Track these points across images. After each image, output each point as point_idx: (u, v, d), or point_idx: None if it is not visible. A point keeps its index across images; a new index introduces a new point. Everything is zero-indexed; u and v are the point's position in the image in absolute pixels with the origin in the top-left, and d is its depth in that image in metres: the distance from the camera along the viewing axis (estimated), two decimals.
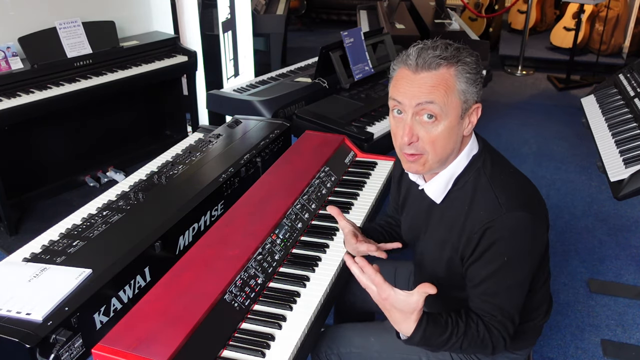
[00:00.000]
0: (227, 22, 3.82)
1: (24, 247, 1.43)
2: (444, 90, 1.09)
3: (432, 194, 1.24)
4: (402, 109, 1.13)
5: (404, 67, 1.13)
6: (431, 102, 1.09)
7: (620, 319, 2.32)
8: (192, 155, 1.89)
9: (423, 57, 1.10)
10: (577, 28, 5.09)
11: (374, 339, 1.41)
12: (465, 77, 1.10)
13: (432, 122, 1.11)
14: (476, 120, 1.16)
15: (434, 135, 1.12)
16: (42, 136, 3.06)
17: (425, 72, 1.10)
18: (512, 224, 1.12)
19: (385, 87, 2.74)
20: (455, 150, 1.17)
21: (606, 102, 2.58)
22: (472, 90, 1.12)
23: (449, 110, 1.10)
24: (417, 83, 1.10)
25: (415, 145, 1.13)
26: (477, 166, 1.19)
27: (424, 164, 1.16)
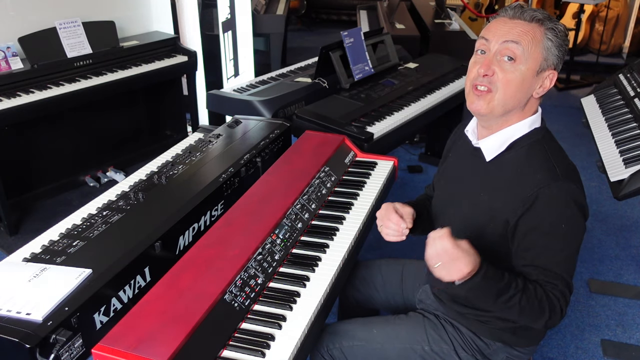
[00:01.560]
0: (227, 22, 3.82)
1: (24, 247, 1.43)
2: (531, 38, 1.16)
3: (486, 149, 1.26)
4: (487, 48, 1.20)
5: (503, 15, 1.21)
6: (517, 42, 1.16)
7: (620, 319, 2.32)
8: (192, 155, 1.89)
9: (521, 10, 1.19)
10: (577, 28, 5.09)
11: (376, 331, 1.42)
12: (553, 37, 1.17)
13: (511, 63, 1.17)
14: (549, 86, 1.21)
15: (509, 76, 1.17)
16: (42, 136, 3.06)
17: (519, 20, 1.18)
18: (570, 192, 1.15)
19: (385, 87, 2.74)
20: (520, 105, 1.21)
21: (606, 102, 2.58)
22: (554, 52, 1.18)
23: (529, 58, 1.16)
24: (510, 25, 1.18)
25: (489, 78, 1.19)
26: (537, 138, 1.23)
27: (489, 102, 1.20)
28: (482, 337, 1.36)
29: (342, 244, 1.54)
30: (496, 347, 1.35)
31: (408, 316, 1.48)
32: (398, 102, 2.59)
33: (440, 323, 1.41)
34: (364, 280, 1.66)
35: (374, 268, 1.67)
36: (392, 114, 2.45)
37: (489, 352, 1.36)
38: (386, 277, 1.64)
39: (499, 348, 1.35)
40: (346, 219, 1.66)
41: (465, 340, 1.37)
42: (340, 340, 1.43)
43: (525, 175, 1.19)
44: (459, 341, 1.37)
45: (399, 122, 2.43)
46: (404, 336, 1.40)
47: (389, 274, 1.64)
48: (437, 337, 1.39)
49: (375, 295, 1.65)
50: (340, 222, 1.64)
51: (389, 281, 1.64)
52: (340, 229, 1.61)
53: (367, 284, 1.66)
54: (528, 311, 1.15)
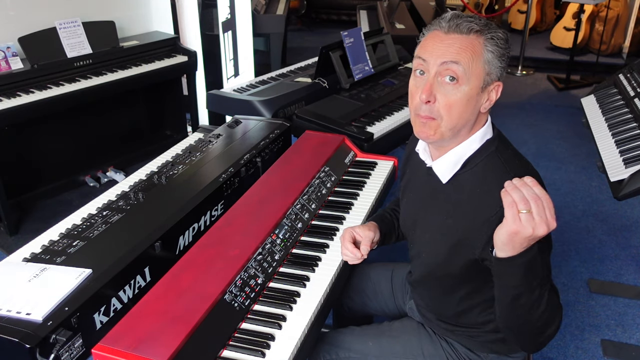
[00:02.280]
0: (227, 22, 3.82)
1: (24, 247, 1.43)
2: (470, 54, 1.09)
3: (440, 171, 1.20)
4: (426, 69, 1.13)
5: (436, 29, 1.14)
6: (456, 62, 1.09)
7: (620, 319, 2.32)
8: (192, 155, 1.89)
9: (456, 21, 1.11)
10: (577, 28, 5.09)
11: (372, 344, 1.41)
12: (494, 48, 1.10)
13: (453, 84, 1.10)
14: (495, 98, 1.15)
15: (452, 100, 1.10)
16: (42, 136, 3.06)
17: (456, 35, 1.11)
18: None
19: (385, 87, 2.74)
20: (469, 124, 1.15)
21: (606, 102, 2.58)
22: (496, 64, 1.11)
23: (472, 76, 1.10)
24: (446, 43, 1.11)
25: (431, 107, 1.12)
26: (490, 150, 1.17)
27: (436, 128, 1.14)
28: (475, 351, 1.35)
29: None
30: (490, 358, 1.34)
31: (403, 325, 1.46)
32: (398, 102, 2.59)
33: (436, 337, 1.40)
34: (356, 288, 1.65)
35: (364, 276, 1.66)
36: (392, 114, 2.45)
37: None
38: (377, 284, 1.63)
39: (493, 359, 1.35)
40: (346, 219, 1.66)
41: (459, 355, 1.36)
42: (336, 351, 1.42)
43: (485, 195, 1.12)
44: (453, 356, 1.36)
45: (399, 122, 2.43)
46: (399, 351, 1.40)
47: (379, 281, 1.64)
48: (432, 352, 1.38)
49: (369, 302, 1.65)
50: (340, 222, 1.64)
51: (380, 288, 1.63)
52: (340, 229, 1.61)
53: (359, 292, 1.65)
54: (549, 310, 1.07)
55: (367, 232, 1.38)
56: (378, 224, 1.45)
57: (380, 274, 1.65)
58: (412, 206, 1.35)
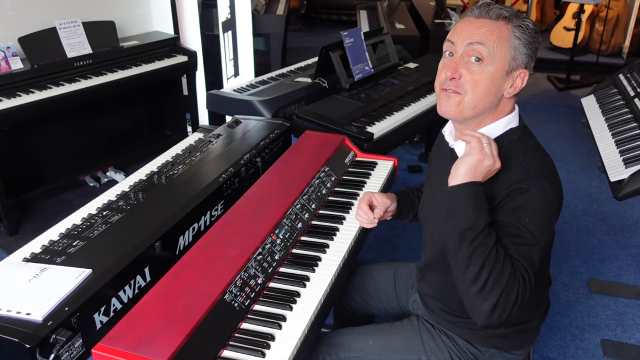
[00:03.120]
0: (227, 22, 3.82)
1: (24, 247, 1.43)
2: (497, 37, 1.14)
3: (461, 150, 1.24)
4: (454, 50, 1.18)
5: (468, 16, 1.20)
6: (482, 43, 1.14)
7: (620, 319, 2.32)
8: (192, 155, 1.89)
9: (487, 8, 1.17)
10: (577, 28, 5.10)
11: (372, 342, 1.41)
12: (522, 35, 1.14)
13: (478, 64, 1.15)
14: (520, 85, 1.19)
15: (476, 78, 1.15)
16: (42, 136, 3.06)
17: (485, 19, 1.16)
18: (539, 189, 1.13)
19: (385, 87, 2.74)
20: (491, 106, 1.19)
21: (606, 102, 2.58)
22: (523, 50, 1.15)
23: (496, 58, 1.14)
24: (475, 25, 1.16)
25: (456, 82, 1.17)
26: (512, 138, 1.21)
27: (458, 103, 1.18)
28: (476, 345, 1.35)
29: (342, 244, 1.54)
30: (490, 353, 1.35)
31: (403, 324, 1.47)
32: (398, 102, 2.59)
33: (436, 332, 1.41)
34: (358, 288, 1.66)
35: (366, 275, 1.66)
36: (392, 114, 2.45)
37: (485, 358, 1.36)
38: (379, 283, 1.64)
39: (493, 354, 1.35)
40: (346, 219, 1.66)
41: (460, 349, 1.37)
42: (336, 351, 1.42)
43: (499, 175, 1.16)
44: (454, 351, 1.37)
45: (399, 122, 2.43)
46: (400, 347, 1.40)
47: (382, 280, 1.64)
48: (433, 347, 1.38)
49: (371, 301, 1.65)
50: (340, 222, 1.64)
51: (383, 287, 1.63)
52: (340, 229, 1.61)
53: (361, 291, 1.65)
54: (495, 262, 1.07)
55: (384, 199, 1.46)
56: (398, 197, 1.51)
57: (383, 272, 1.65)
58: (433, 188, 1.39)
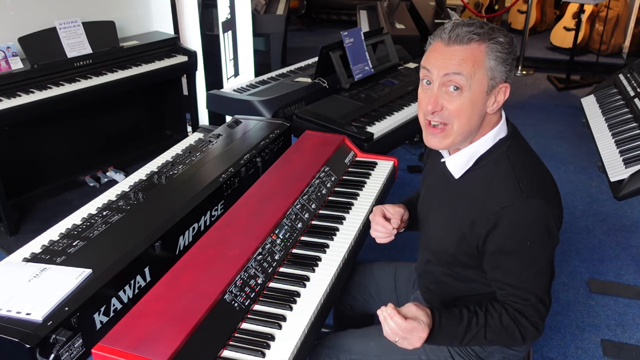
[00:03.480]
0: (227, 22, 3.82)
1: (24, 247, 1.43)
2: (472, 64, 1.13)
3: (453, 168, 1.26)
4: (430, 79, 1.18)
5: (438, 40, 1.18)
6: (458, 73, 1.13)
7: (620, 319, 2.32)
8: (192, 155, 1.89)
9: (456, 32, 1.14)
10: (577, 28, 5.09)
11: (373, 344, 1.41)
12: (496, 55, 1.14)
13: (457, 93, 1.15)
14: (503, 100, 1.19)
15: (457, 106, 1.15)
16: (42, 136, 3.06)
17: (456, 46, 1.14)
18: (532, 210, 1.14)
19: (385, 87, 2.74)
20: (477, 127, 1.19)
21: (606, 102, 2.58)
22: (500, 69, 1.15)
23: (474, 84, 1.14)
24: (448, 55, 1.15)
25: (439, 114, 1.18)
26: (502, 149, 1.22)
27: (447, 136, 1.19)
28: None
29: (342, 244, 1.54)
30: (491, 349, 1.35)
31: None
32: (398, 102, 2.59)
33: None
34: (358, 286, 1.66)
35: (367, 273, 1.66)
36: (392, 114, 2.45)
37: (485, 354, 1.35)
38: (379, 282, 1.64)
39: (494, 350, 1.35)
40: (346, 219, 1.66)
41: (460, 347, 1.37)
42: (337, 354, 1.42)
43: (490, 194, 1.18)
44: (454, 348, 1.37)
45: (399, 122, 2.43)
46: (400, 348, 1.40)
47: (382, 279, 1.64)
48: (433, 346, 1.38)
49: (371, 301, 1.65)
50: (340, 222, 1.64)
51: (383, 286, 1.63)
52: (340, 229, 1.61)
53: (361, 289, 1.65)
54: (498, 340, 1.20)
55: (397, 208, 1.43)
56: (407, 205, 1.50)
57: (384, 271, 1.65)
58: (429, 193, 1.40)
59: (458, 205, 1.25)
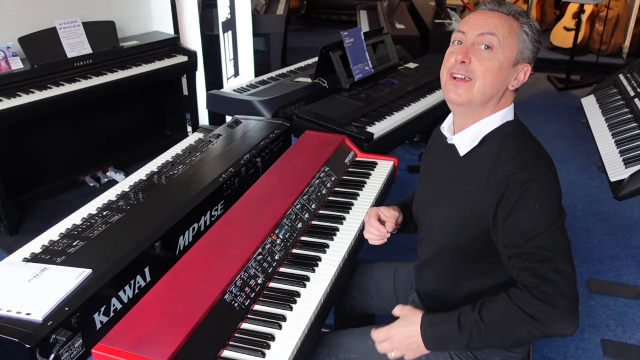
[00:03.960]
0: (227, 22, 3.82)
1: (24, 247, 1.43)
2: (507, 29, 1.19)
3: (459, 144, 1.27)
4: (464, 39, 1.22)
5: (481, 8, 1.24)
6: (493, 33, 1.18)
7: (620, 319, 2.32)
8: (192, 155, 1.89)
9: (499, 3, 1.22)
10: (577, 28, 5.09)
11: (372, 342, 1.41)
12: (529, 31, 1.20)
13: (488, 51, 1.19)
14: (523, 79, 1.24)
15: (486, 64, 1.19)
16: (42, 136, 3.06)
17: (497, 12, 1.21)
18: (540, 177, 1.15)
19: (385, 87, 2.74)
20: (497, 95, 1.22)
21: (606, 102, 2.58)
22: (529, 46, 1.21)
23: (505, 48, 1.18)
24: (487, 16, 1.21)
25: (466, 67, 1.20)
26: (509, 130, 1.24)
27: (468, 90, 1.20)
28: None
29: (342, 244, 1.54)
30: (490, 351, 1.35)
31: None
32: (398, 102, 2.59)
33: None
34: (358, 286, 1.66)
35: (367, 273, 1.66)
36: (392, 114, 2.45)
37: (484, 356, 1.35)
38: (379, 282, 1.64)
39: (492, 352, 1.35)
40: (346, 219, 1.66)
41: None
42: (336, 352, 1.42)
43: (497, 167, 1.19)
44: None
45: (399, 122, 2.43)
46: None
47: (382, 279, 1.64)
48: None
49: (371, 301, 1.65)
50: (340, 222, 1.64)
51: (383, 286, 1.63)
52: (340, 229, 1.61)
53: (361, 290, 1.65)
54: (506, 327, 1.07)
55: (391, 212, 1.45)
56: (401, 208, 1.51)
57: (383, 272, 1.65)
58: (428, 185, 1.41)
59: (463, 184, 1.25)
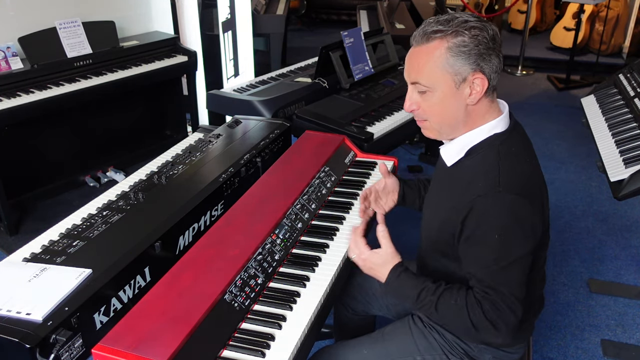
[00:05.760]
0: (227, 22, 3.82)
1: (24, 247, 1.43)
2: (429, 66, 1.16)
3: (445, 155, 1.30)
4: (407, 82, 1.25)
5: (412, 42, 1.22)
6: (416, 82, 1.20)
7: (620, 319, 2.32)
8: (192, 155, 1.89)
9: (423, 29, 1.18)
10: (577, 28, 5.09)
11: (367, 351, 1.41)
12: (458, 50, 1.14)
13: (424, 95, 1.21)
14: (481, 90, 1.17)
15: (429, 106, 1.22)
16: (42, 136, 3.06)
17: (418, 47, 1.19)
18: (504, 204, 1.13)
19: (385, 87, 2.74)
20: (460, 119, 1.22)
21: (606, 102, 2.58)
22: (463, 62, 1.14)
23: (437, 84, 1.18)
24: (411, 59, 1.21)
25: (416, 112, 1.25)
26: (495, 143, 1.22)
27: (430, 128, 1.26)
28: (465, 341, 1.36)
29: (342, 244, 1.54)
30: (480, 348, 1.35)
31: (395, 327, 1.47)
32: (398, 102, 2.59)
33: (427, 329, 1.41)
34: (361, 287, 1.66)
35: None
36: (392, 114, 2.45)
37: (475, 353, 1.36)
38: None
39: (483, 349, 1.35)
40: (346, 219, 1.66)
41: (450, 345, 1.37)
42: None
43: (471, 182, 1.19)
44: (446, 346, 1.37)
45: (399, 122, 2.43)
46: (394, 351, 1.40)
47: None
48: (426, 345, 1.39)
49: (373, 300, 1.65)
50: (340, 222, 1.64)
51: None
52: (340, 229, 1.61)
53: (364, 290, 1.65)
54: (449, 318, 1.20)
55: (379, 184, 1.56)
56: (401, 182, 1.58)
57: None
58: (432, 185, 1.44)
59: (446, 193, 1.28)
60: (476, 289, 1.17)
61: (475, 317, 1.15)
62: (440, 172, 1.35)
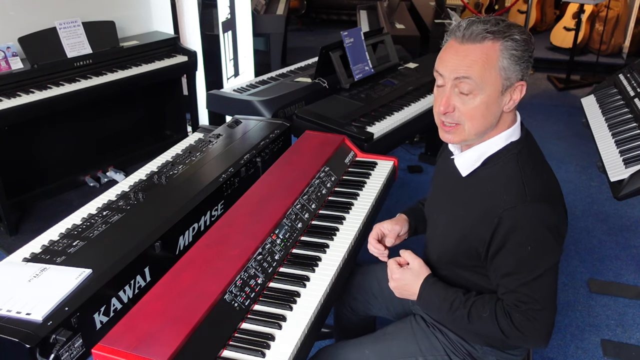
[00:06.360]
0: (227, 22, 3.82)
1: (24, 247, 1.43)
2: (482, 65, 1.11)
3: (461, 165, 1.25)
4: (443, 82, 1.18)
5: (453, 38, 1.16)
6: (468, 77, 1.12)
7: (620, 319, 2.32)
8: (192, 155, 1.89)
9: (471, 29, 1.12)
10: (577, 28, 5.09)
11: (368, 351, 1.41)
12: (510, 53, 1.11)
13: (468, 96, 1.14)
14: (519, 98, 1.17)
15: (470, 108, 1.15)
16: (42, 136, 3.06)
17: (469, 44, 1.12)
18: (535, 214, 1.12)
19: (385, 87, 2.74)
20: (493, 125, 1.18)
21: (606, 102, 2.58)
22: (515, 68, 1.12)
23: (486, 86, 1.12)
24: (460, 55, 1.13)
25: (451, 115, 1.17)
26: (513, 152, 1.20)
27: (459, 134, 1.19)
28: (469, 342, 1.36)
29: (342, 244, 1.54)
30: (484, 350, 1.35)
31: (397, 327, 1.47)
32: (398, 102, 2.59)
33: (430, 330, 1.41)
34: (360, 287, 1.66)
35: (370, 274, 1.66)
36: (392, 114, 2.45)
37: (478, 355, 1.35)
38: (382, 282, 1.63)
39: (487, 351, 1.35)
40: (346, 219, 1.66)
41: (454, 345, 1.37)
42: None
43: (495, 195, 1.16)
44: (449, 347, 1.37)
45: (399, 122, 2.43)
46: (396, 351, 1.40)
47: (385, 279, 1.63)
48: (428, 345, 1.39)
49: (373, 301, 1.65)
50: (340, 222, 1.64)
51: (386, 286, 1.62)
52: (340, 229, 1.61)
53: (364, 290, 1.65)
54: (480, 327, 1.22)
55: (393, 226, 1.48)
56: (408, 216, 1.52)
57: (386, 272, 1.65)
58: (437, 191, 1.41)
59: (462, 204, 1.24)
60: (507, 300, 1.17)
61: (505, 328, 1.17)
62: (450, 181, 1.31)
